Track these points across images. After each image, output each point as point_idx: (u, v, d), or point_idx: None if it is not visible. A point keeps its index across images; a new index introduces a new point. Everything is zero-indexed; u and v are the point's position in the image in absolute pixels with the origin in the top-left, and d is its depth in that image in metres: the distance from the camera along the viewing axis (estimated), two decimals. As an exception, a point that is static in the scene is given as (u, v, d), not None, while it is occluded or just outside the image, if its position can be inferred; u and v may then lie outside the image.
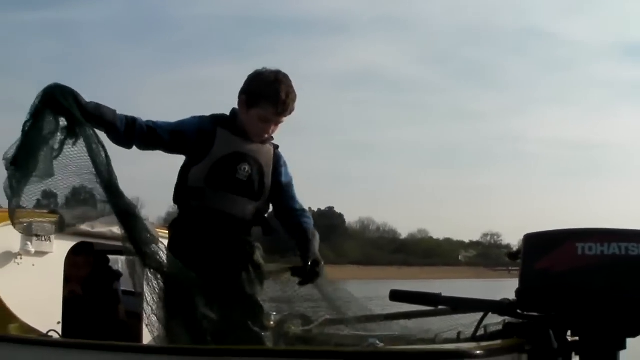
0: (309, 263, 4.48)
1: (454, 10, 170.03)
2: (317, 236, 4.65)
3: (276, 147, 4.60)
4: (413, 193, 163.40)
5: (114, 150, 4.06)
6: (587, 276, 3.60)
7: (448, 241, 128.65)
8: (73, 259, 6.39)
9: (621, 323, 3.58)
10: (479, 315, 3.99)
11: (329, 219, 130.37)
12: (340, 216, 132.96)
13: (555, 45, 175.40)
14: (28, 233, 5.78)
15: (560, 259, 3.65)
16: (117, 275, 7.11)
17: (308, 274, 4.51)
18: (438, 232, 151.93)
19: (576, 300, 3.60)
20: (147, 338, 6.51)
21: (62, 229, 6.08)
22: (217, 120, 4.44)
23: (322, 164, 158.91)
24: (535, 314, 3.72)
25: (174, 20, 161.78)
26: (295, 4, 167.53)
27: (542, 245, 3.74)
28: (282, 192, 4.60)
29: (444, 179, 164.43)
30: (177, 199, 4.46)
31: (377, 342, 3.27)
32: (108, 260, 7.14)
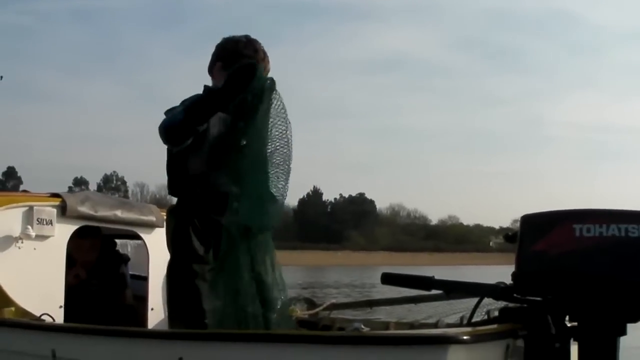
0: None
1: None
2: None
3: None
4: (443, 179, 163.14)
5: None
6: (585, 259, 3.45)
7: (478, 227, 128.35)
8: (78, 242, 6.34)
9: (621, 308, 3.43)
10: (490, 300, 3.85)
11: (360, 205, 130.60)
12: (371, 202, 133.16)
13: (583, 29, 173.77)
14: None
15: (557, 241, 3.50)
16: (125, 259, 7.04)
17: None
18: (468, 219, 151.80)
19: (574, 284, 3.46)
20: (152, 322, 6.48)
21: (64, 212, 6.04)
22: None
23: (352, 149, 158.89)
24: (532, 298, 3.57)
25: (203, 7, 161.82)
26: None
27: (539, 227, 3.59)
28: None
29: (473, 165, 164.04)
30: (176, 189, 4.34)
31: (362, 326, 3.16)
32: (115, 244, 7.08)
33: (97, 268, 6.70)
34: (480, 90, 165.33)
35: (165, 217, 5.13)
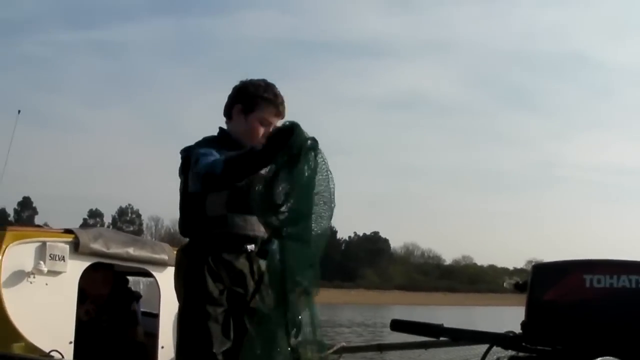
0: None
1: (500, 34, 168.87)
2: None
3: None
4: (456, 218, 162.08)
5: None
6: (595, 309, 3.44)
7: (492, 268, 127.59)
8: (92, 275, 6.35)
9: (631, 359, 3.41)
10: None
11: (375, 244, 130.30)
12: (386, 241, 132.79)
13: (599, 70, 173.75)
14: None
15: (567, 291, 3.49)
16: (137, 296, 7.04)
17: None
18: (482, 259, 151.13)
19: (584, 335, 3.44)
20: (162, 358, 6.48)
21: (77, 249, 6.06)
22: (216, 142, 4.26)
23: (366, 187, 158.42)
24: (542, 347, 3.56)
25: (217, 41, 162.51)
26: (341, 28, 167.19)
27: (549, 277, 3.59)
28: None
29: (487, 204, 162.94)
30: (190, 229, 4.32)
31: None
32: (127, 281, 7.08)
33: (109, 304, 6.71)
34: (494, 129, 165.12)
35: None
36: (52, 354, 5.30)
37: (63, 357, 5.40)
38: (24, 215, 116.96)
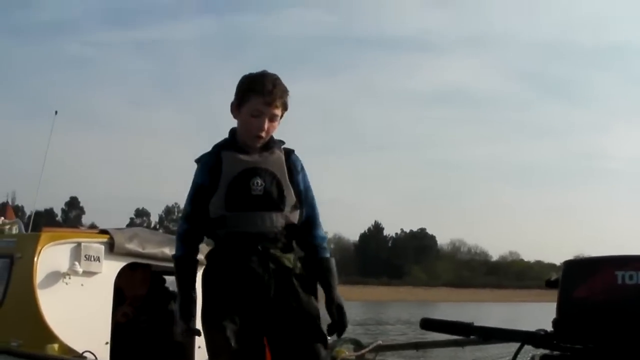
0: (337, 318, 4.32)
1: (538, 27, 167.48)
2: (334, 266, 4.45)
3: (290, 151, 4.39)
4: (502, 213, 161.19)
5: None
6: (627, 306, 3.35)
7: (539, 263, 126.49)
8: (129, 276, 6.37)
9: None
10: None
11: (421, 240, 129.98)
12: (432, 238, 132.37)
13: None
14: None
15: (599, 288, 3.41)
16: (174, 295, 7.03)
17: (337, 327, 4.34)
18: (529, 254, 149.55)
19: (616, 333, 3.36)
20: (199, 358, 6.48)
21: (112, 249, 6.08)
22: (218, 147, 4.33)
23: (412, 183, 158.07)
24: (573, 346, 3.48)
25: (263, 37, 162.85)
26: (382, 24, 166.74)
27: (580, 273, 3.51)
28: (300, 203, 4.41)
29: (533, 198, 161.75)
30: (207, 232, 4.37)
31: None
32: (164, 280, 7.09)
33: (147, 304, 6.71)
34: (538, 123, 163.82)
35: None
36: (86, 354, 5.32)
37: (96, 358, 5.41)
38: (72, 215, 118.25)
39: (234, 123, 4.30)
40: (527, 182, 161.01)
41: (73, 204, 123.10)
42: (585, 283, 3.46)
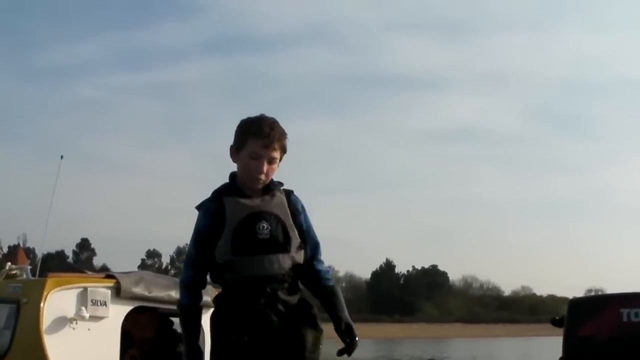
0: (347, 337, 4.33)
1: (550, 63, 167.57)
2: (340, 292, 4.50)
3: (290, 192, 4.45)
4: (514, 248, 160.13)
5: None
6: (632, 344, 3.35)
7: (552, 298, 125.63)
8: (136, 319, 6.38)
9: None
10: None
11: (433, 277, 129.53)
12: (444, 274, 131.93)
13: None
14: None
15: (604, 326, 3.42)
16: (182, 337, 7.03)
17: (348, 346, 4.35)
18: (541, 288, 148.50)
19: (622, 371, 3.35)
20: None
21: (118, 293, 6.08)
22: (219, 192, 4.38)
23: (423, 221, 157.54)
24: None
25: (271, 78, 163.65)
26: (392, 63, 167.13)
27: (585, 311, 3.52)
28: (304, 243, 4.45)
29: (545, 233, 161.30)
30: (213, 277, 4.40)
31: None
32: (172, 323, 7.08)
33: (154, 347, 6.70)
34: (550, 158, 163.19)
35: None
36: None
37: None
38: (83, 257, 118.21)
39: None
40: (540, 217, 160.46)
41: (84, 246, 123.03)
42: (590, 321, 3.47)
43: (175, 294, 6.46)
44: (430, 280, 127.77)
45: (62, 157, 8.06)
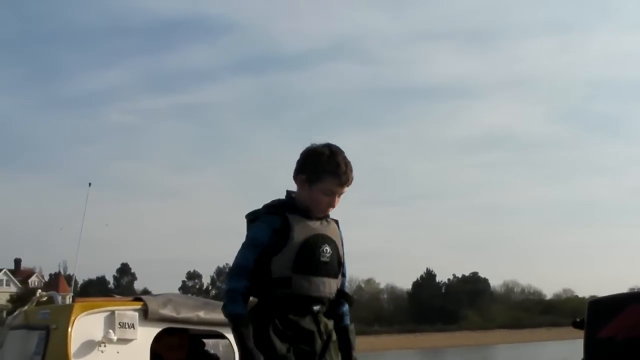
0: None
1: (578, 64, 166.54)
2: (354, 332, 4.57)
3: (337, 221, 4.53)
4: (554, 252, 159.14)
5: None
6: (655, 344, 3.28)
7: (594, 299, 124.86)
8: (167, 341, 6.39)
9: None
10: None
11: (474, 284, 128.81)
12: (485, 281, 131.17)
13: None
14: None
15: (624, 326, 3.35)
16: (214, 358, 7.02)
17: None
18: (583, 291, 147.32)
19: (645, 372, 3.29)
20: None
21: (146, 315, 6.10)
22: (281, 207, 4.39)
23: (462, 229, 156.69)
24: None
25: (305, 95, 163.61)
26: (420, 73, 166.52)
27: (605, 312, 3.46)
28: (343, 273, 4.52)
29: (583, 236, 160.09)
30: (257, 290, 4.34)
31: None
32: (204, 344, 7.07)
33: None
34: (585, 161, 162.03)
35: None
36: None
37: None
38: (124, 282, 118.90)
39: (280, 183, 4.43)
40: (578, 221, 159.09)
41: (124, 271, 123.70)
42: (610, 322, 3.41)
43: (203, 314, 6.47)
44: (472, 288, 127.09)
45: (90, 184, 8.10)
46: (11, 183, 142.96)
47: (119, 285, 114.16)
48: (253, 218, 4.38)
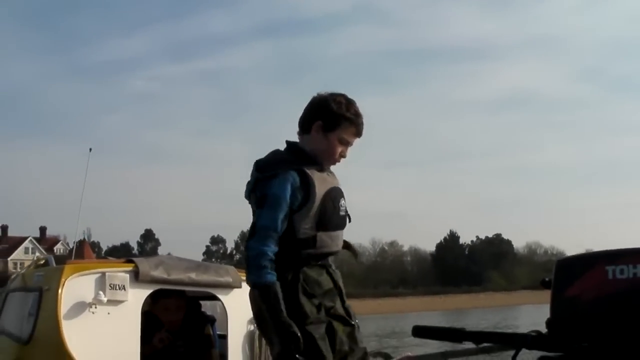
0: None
1: (602, 23, 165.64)
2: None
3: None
4: (577, 212, 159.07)
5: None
6: (618, 302, 3.26)
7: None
8: (164, 303, 6.43)
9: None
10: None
11: (497, 246, 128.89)
12: (508, 242, 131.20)
13: None
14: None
15: (590, 285, 3.32)
16: (211, 319, 7.05)
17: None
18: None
19: (608, 330, 3.27)
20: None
21: (137, 277, 6.12)
22: (294, 161, 4.16)
23: (484, 190, 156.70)
24: (567, 346, 3.39)
25: (322, 59, 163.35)
26: (440, 34, 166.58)
27: (571, 271, 3.43)
28: None
29: (606, 197, 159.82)
30: (282, 253, 4.08)
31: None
32: (200, 305, 7.10)
33: (183, 329, 6.73)
34: (610, 120, 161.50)
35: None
36: None
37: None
38: (147, 248, 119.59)
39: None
40: (600, 181, 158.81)
41: (148, 237, 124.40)
42: (576, 281, 3.39)
43: (195, 275, 6.48)
44: (495, 250, 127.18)
45: (90, 149, 8.11)
46: (35, 152, 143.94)
47: (143, 251, 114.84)
48: (272, 174, 4.09)
